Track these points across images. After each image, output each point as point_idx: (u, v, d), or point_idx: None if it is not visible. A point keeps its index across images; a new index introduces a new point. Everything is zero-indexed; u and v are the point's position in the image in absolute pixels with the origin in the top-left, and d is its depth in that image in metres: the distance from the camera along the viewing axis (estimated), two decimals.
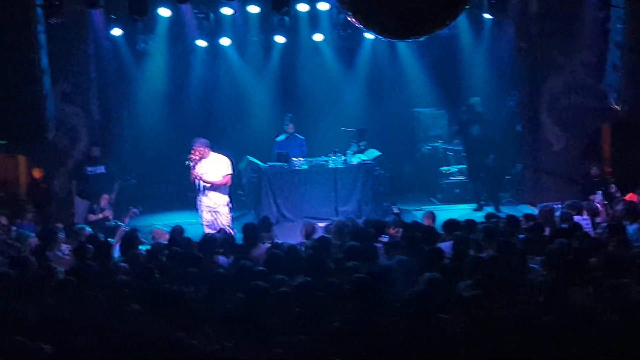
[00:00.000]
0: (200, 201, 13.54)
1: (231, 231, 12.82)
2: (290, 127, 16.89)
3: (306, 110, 18.36)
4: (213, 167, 13.43)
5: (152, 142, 18.34)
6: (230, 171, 13.55)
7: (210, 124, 18.08)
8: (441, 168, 17.96)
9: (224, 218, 13.44)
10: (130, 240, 10.53)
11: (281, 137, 16.98)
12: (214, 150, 13.55)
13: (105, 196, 15.24)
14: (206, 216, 13.51)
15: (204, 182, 13.33)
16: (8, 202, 14.88)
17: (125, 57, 17.64)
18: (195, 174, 13.28)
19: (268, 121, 18.33)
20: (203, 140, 13.49)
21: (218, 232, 11.57)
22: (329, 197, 15.21)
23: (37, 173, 15.58)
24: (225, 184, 13.46)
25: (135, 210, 12.14)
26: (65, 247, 11.17)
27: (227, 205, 13.57)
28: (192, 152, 13.30)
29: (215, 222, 13.37)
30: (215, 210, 13.45)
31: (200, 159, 13.33)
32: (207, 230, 12.89)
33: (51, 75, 13.98)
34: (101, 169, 15.72)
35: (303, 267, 8.69)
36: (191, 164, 13.27)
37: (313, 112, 18.38)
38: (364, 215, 15.29)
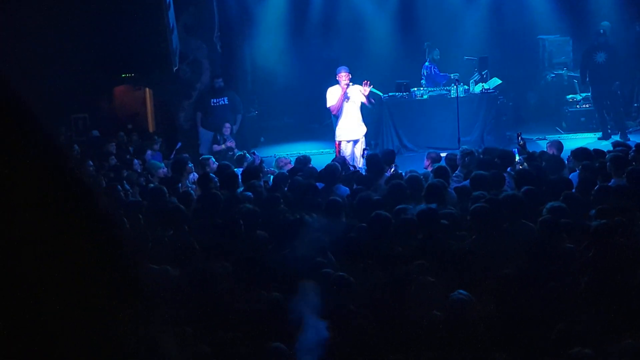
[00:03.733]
0: (344, 131, 13.67)
1: (361, 160, 12.95)
2: (436, 54, 16.87)
3: (427, 39, 18.10)
4: (356, 94, 13.61)
5: (273, 74, 18.47)
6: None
7: (331, 54, 18.07)
8: (567, 96, 17.49)
9: (361, 147, 13.58)
10: (254, 169, 10.72)
11: (427, 64, 16.96)
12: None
13: (227, 125, 15.51)
14: (345, 148, 13.63)
15: (367, 101, 13.49)
16: (136, 133, 15.36)
17: None
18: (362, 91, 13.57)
19: (388, 51, 18.19)
20: (346, 67, 13.61)
21: (337, 160, 11.61)
22: (450, 126, 15.03)
23: None
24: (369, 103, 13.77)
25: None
26: (192, 177, 11.49)
27: (365, 136, 13.78)
28: (344, 78, 13.45)
29: (353, 153, 13.52)
30: (356, 140, 13.60)
31: (348, 84, 13.50)
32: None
33: (175, 9, 14.22)
34: (224, 101, 15.99)
35: (425, 196, 8.69)
36: (346, 88, 13.43)
37: (434, 40, 18.10)
38: (486, 144, 15.10)
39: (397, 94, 16.30)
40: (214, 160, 12.28)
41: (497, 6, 18.56)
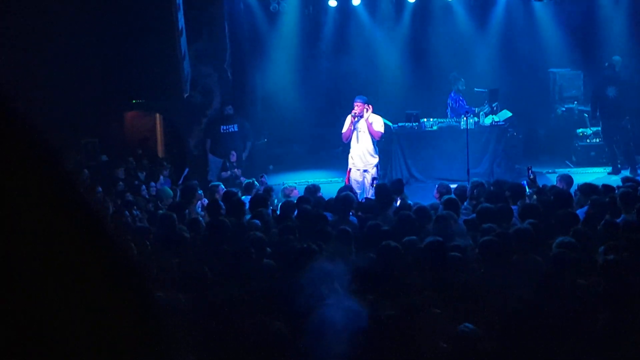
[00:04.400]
0: (353, 161, 13.67)
1: (370, 190, 12.93)
2: (461, 84, 16.87)
3: (437, 70, 18.16)
4: (365, 127, 13.56)
5: (283, 102, 18.52)
6: (383, 129, 13.70)
7: (341, 84, 18.13)
8: (577, 130, 17.46)
9: (370, 176, 13.57)
10: (262, 197, 10.71)
11: (452, 94, 16.96)
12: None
13: (234, 152, 15.54)
14: (354, 175, 13.61)
15: (370, 131, 13.43)
16: (146, 159, 15.37)
17: (258, 18, 17.87)
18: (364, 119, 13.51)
19: (398, 81, 18.26)
20: (364, 97, 13.60)
21: (346, 190, 11.57)
22: (460, 158, 15.02)
23: None
24: (377, 137, 13.60)
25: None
26: (200, 204, 11.48)
27: (376, 166, 13.71)
28: (355, 108, 13.43)
29: (363, 182, 13.51)
30: (365, 170, 13.58)
31: (360, 116, 13.45)
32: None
33: (187, 36, 14.29)
34: (234, 128, 16.02)
35: (433, 228, 8.66)
36: (354, 119, 13.40)
37: (444, 72, 18.15)
38: (495, 177, 15.06)
39: (406, 124, 16.30)
40: (223, 187, 12.29)
41: (508, 39, 18.62)
